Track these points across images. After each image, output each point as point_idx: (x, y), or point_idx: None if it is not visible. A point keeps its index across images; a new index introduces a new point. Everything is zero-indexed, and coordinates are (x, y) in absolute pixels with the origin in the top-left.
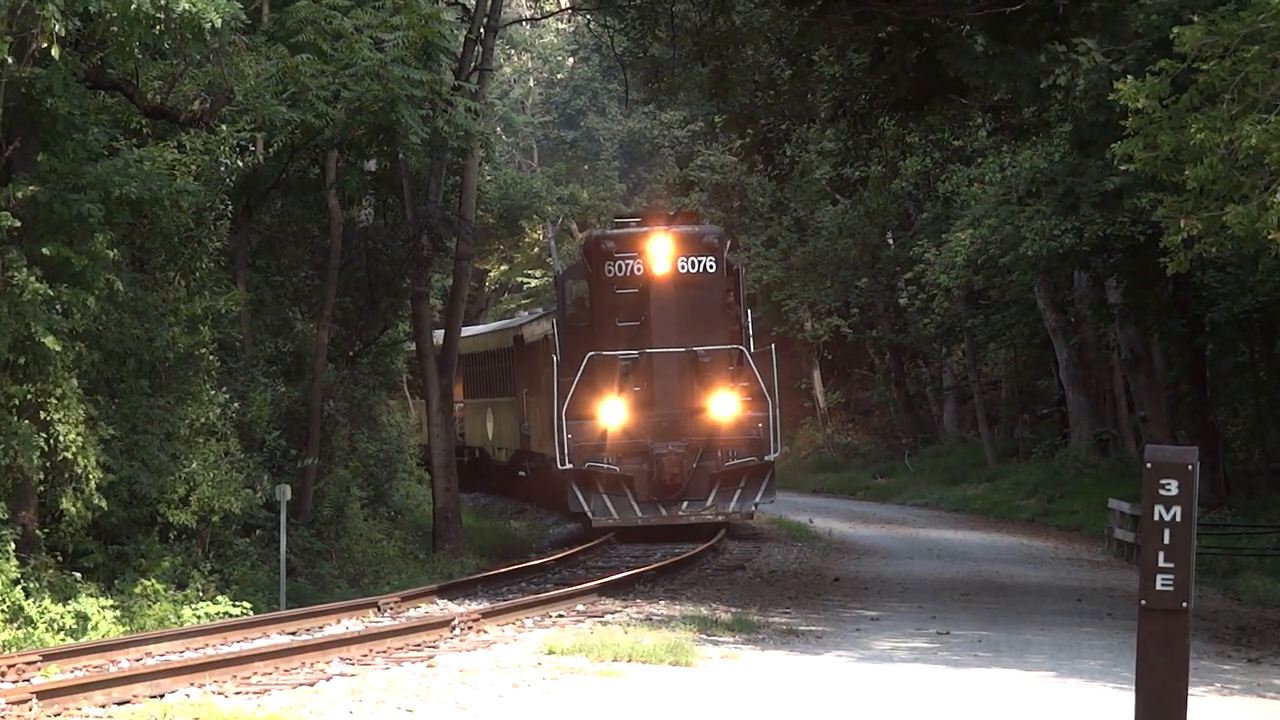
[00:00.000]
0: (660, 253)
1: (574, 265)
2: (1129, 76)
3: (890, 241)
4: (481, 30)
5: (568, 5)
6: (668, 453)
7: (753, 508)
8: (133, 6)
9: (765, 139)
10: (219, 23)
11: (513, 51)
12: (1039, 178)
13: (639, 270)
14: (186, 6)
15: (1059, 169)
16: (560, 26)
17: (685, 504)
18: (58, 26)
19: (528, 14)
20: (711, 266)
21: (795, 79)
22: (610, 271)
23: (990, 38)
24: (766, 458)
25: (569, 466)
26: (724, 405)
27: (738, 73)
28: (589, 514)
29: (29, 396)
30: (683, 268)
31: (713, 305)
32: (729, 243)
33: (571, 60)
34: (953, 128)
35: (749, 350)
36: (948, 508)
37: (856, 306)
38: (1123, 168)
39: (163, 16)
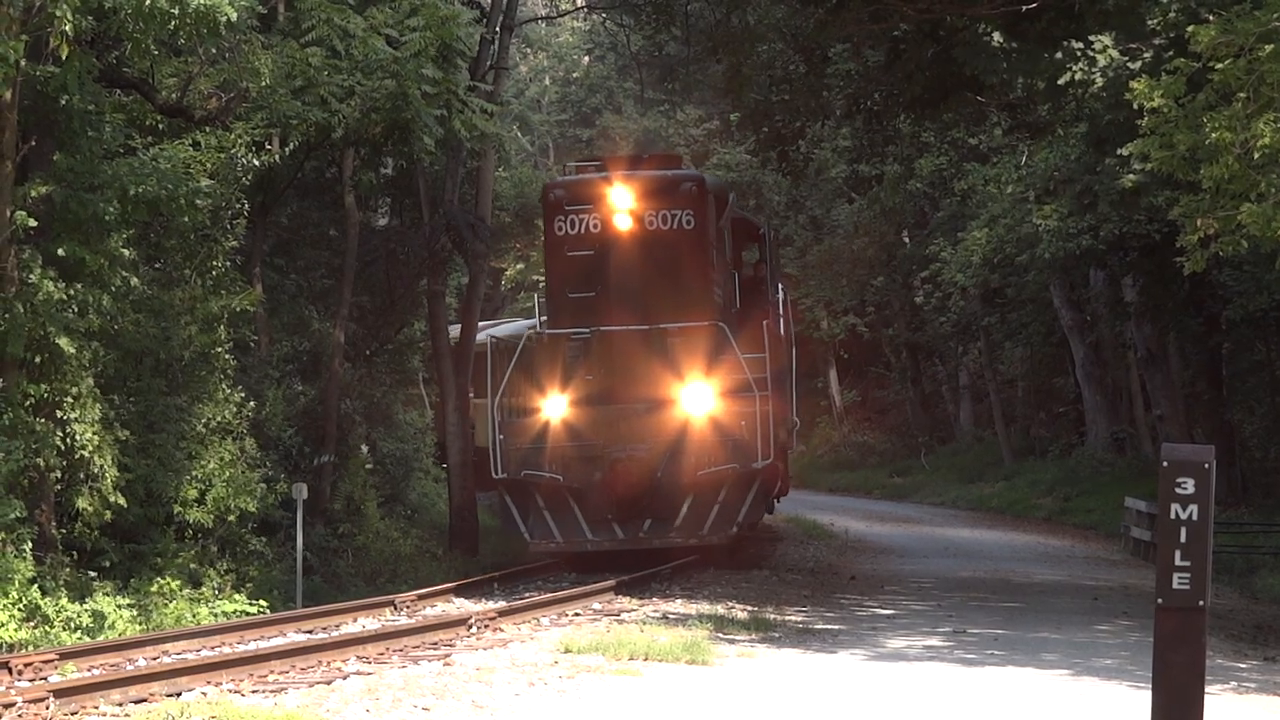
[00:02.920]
0: (621, 203)
1: None
2: (1144, 76)
3: (906, 240)
4: (497, 29)
5: (583, 4)
6: (625, 458)
7: (733, 529)
8: (147, 3)
9: (779, 135)
10: (234, 16)
11: (529, 50)
12: (1056, 175)
13: (595, 226)
14: (201, 1)
15: (1075, 167)
16: (576, 25)
17: (647, 523)
18: (68, 26)
19: (543, 13)
20: (689, 221)
21: (810, 75)
22: (561, 228)
23: (1006, 35)
24: (754, 465)
25: (502, 475)
26: (698, 398)
27: (752, 69)
28: (525, 535)
29: (45, 395)
30: (650, 223)
31: (691, 271)
32: (724, 194)
33: (587, 59)
34: (968, 126)
35: (781, 332)
36: (964, 506)
37: (873, 305)
38: (1138, 166)
39: (177, 12)
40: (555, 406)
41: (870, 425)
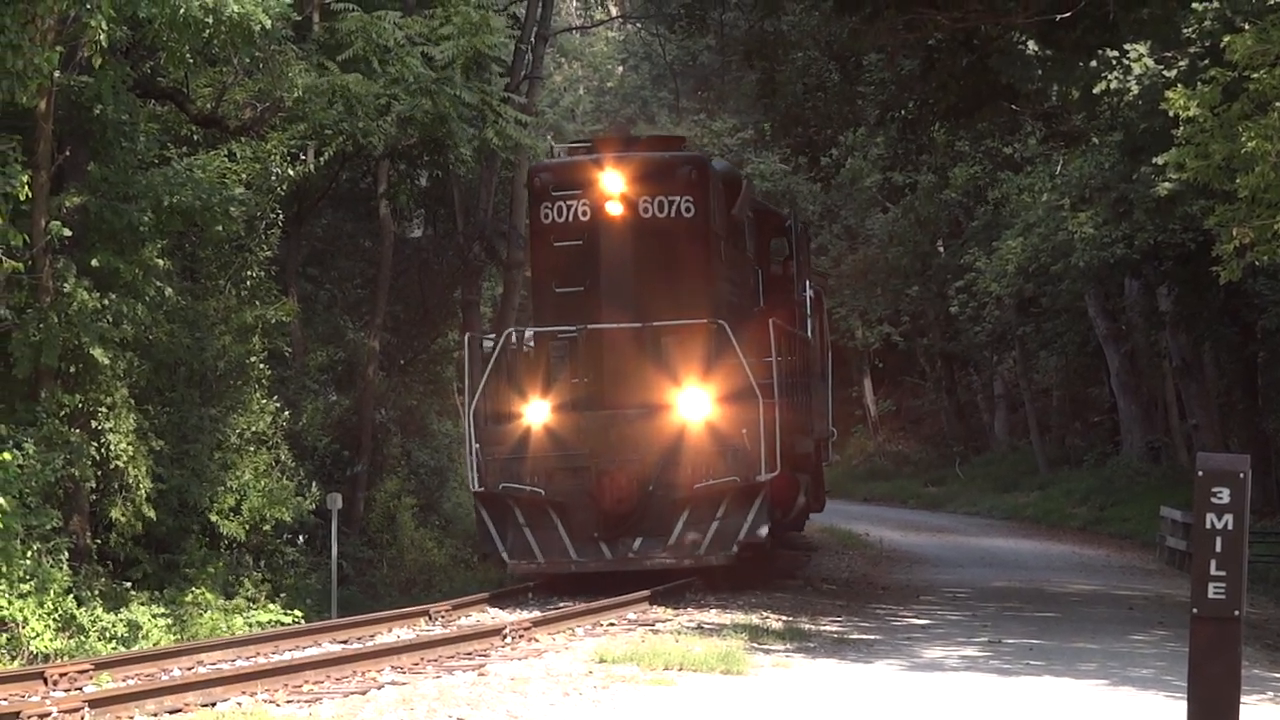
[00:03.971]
0: (613, 188)
1: None
2: (1179, 85)
3: (941, 249)
4: (531, 38)
5: (618, 14)
6: (614, 469)
7: (733, 549)
8: (181, 11)
9: (811, 141)
10: (268, 24)
11: (563, 60)
12: (1091, 184)
13: (584, 214)
14: (235, 9)
15: (1110, 176)
16: (610, 34)
17: (638, 541)
18: (102, 36)
19: (578, 22)
20: (689, 209)
21: (844, 84)
22: (547, 215)
23: (1041, 44)
24: (758, 478)
25: (478, 488)
26: (695, 403)
27: (786, 77)
28: (503, 554)
29: (80, 406)
30: (645, 210)
31: (689, 263)
32: (735, 181)
33: (621, 68)
34: (1003, 135)
35: (809, 333)
36: (999, 516)
37: (907, 314)
38: (1173, 175)
39: (211, 20)
40: (537, 412)
41: (905, 435)
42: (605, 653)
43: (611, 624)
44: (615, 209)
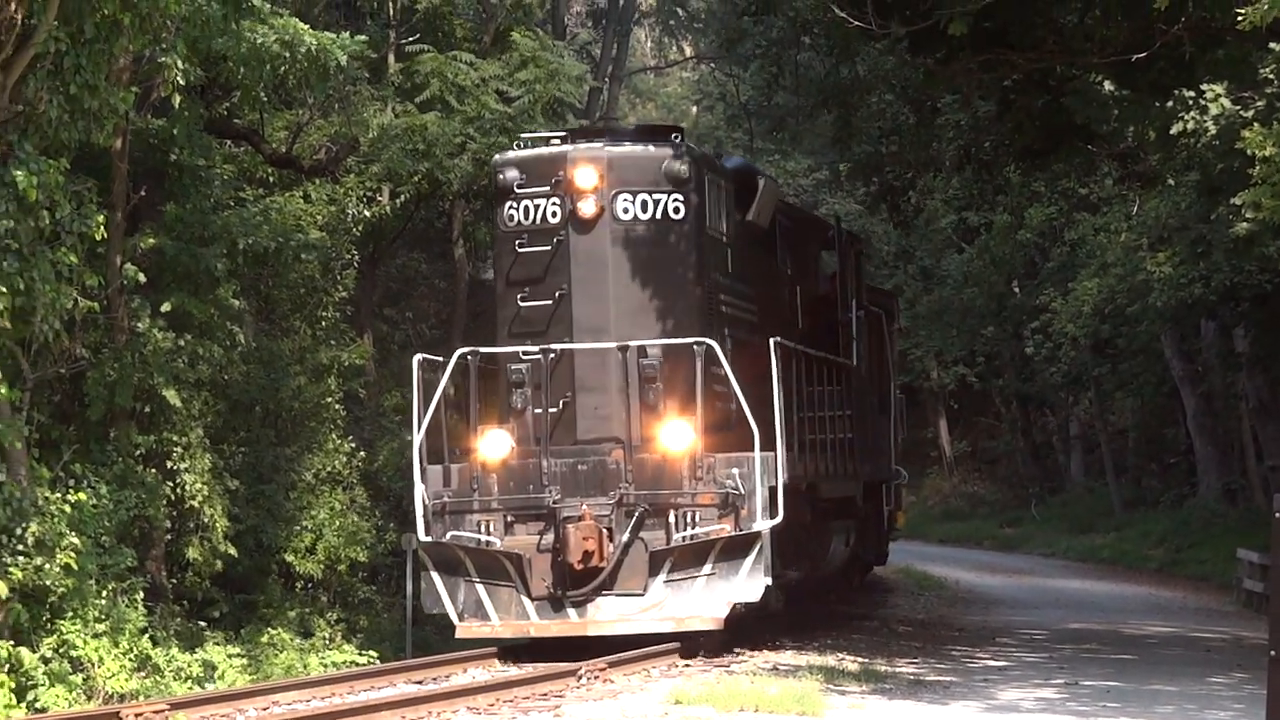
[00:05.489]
0: (586, 184)
1: None
2: (1256, 124)
3: (1016, 290)
4: (606, 79)
5: (692, 55)
6: (580, 515)
7: (724, 611)
8: (258, 42)
9: (889, 186)
10: (344, 60)
11: (637, 100)
12: (1168, 224)
13: (553, 214)
14: (312, 43)
15: (1187, 215)
16: (684, 75)
17: (609, 598)
18: (179, 74)
19: (652, 63)
20: (678, 210)
21: (920, 126)
22: (513, 216)
23: (1116, 84)
24: (753, 525)
25: (425, 538)
26: (677, 437)
27: (862, 120)
28: (453, 615)
29: (155, 446)
30: (624, 211)
31: (678, 273)
32: (750, 181)
33: (695, 109)
34: (1079, 175)
35: (855, 359)
36: (1074, 557)
37: (982, 355)
38: (1250, 215)
39: (288, 55)
40: (494, 447)
41: (980, 476)
42: (681, 694)
43: (687, 665)
44: (589, 209)
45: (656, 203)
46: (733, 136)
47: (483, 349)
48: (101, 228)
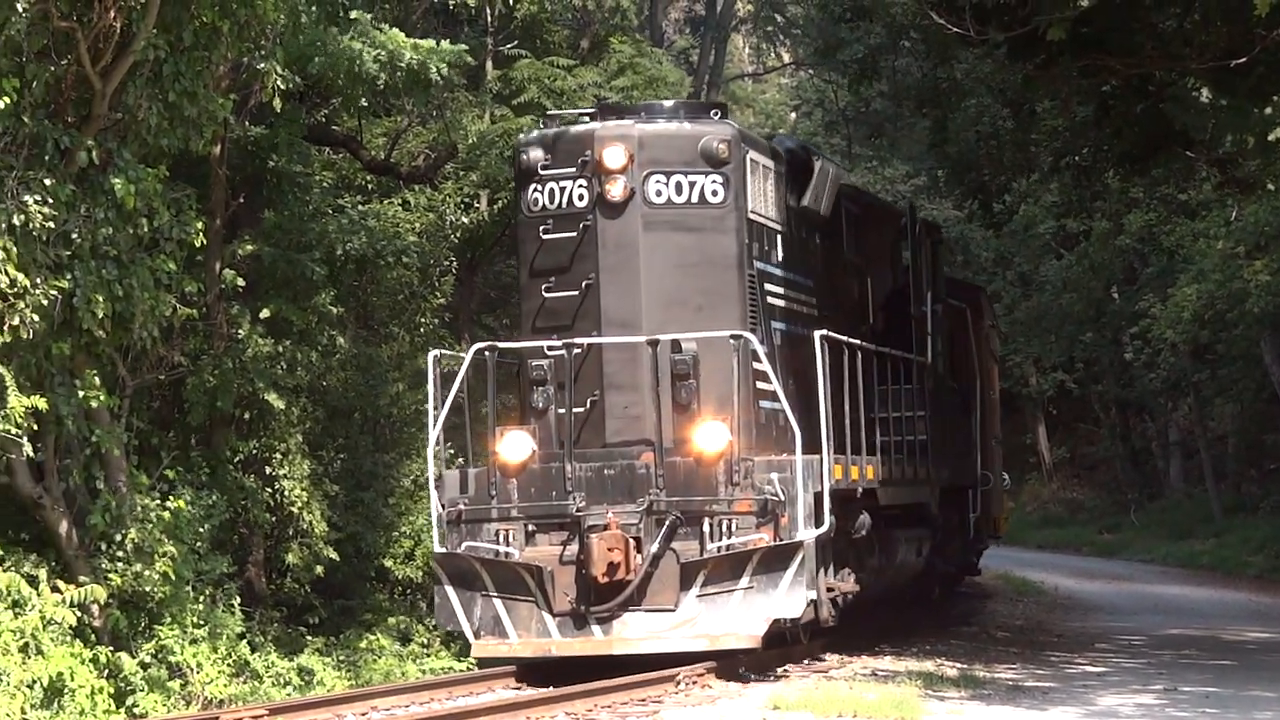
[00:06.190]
0: (615, 163)
1: None
2: None
3: (1115, 296)
4: (704, 85)
5: (790, 61)
6: (606, 524)
7: (763, 626)
8: (358, 65)
9: (982, 186)
10: (445, 71)
11: (735, 106)
12: (1266, 231)
13: (580, 197)
14: (412, 57)
15: None
16: (782, 82)
17: (637, 614)
18: (279, 80)
19: (749, 69)
20: (716, 192)
21: (1017, 131)
22: (537, 200)
23: (1215, 90)
24: (794, 535)
25: (440, 549)
26: (712, 439)
27: (958, 123)
28: (468, 633)
29: (254, 451)
30: (657, 193)
31: (716, 260)
32: (805, 163)
33: (794, 115)
34: (1178, 181)
35: (927, 356)
36: (1174, 563)
37: (1081, 361)
38: None
39: (384, 76)
40: (514, 449)
41: (1079, 482)
42: (780, 700)
43: (785, 670)
44: (618, 191)
45: (692, 184)
46: (830, 142)
47: (500, 344)
48: (200, 235)
